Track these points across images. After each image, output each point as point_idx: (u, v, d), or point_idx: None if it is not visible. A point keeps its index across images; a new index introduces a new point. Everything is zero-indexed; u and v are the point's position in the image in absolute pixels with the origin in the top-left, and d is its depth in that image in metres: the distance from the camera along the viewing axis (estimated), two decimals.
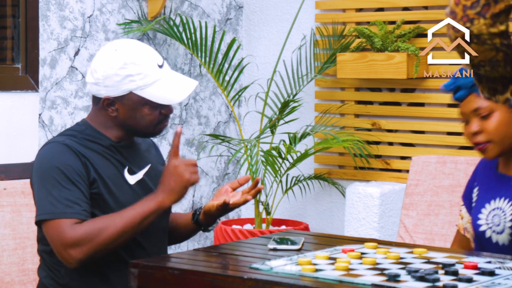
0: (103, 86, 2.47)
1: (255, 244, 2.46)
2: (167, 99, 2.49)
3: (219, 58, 4.65)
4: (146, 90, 2.46)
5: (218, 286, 2.04)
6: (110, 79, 2.45)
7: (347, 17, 4.49)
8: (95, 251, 2.35)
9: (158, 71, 2.48)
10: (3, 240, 2.85)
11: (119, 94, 2.46)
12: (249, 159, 4.13)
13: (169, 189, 2.41)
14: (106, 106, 2.49)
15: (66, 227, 2.34)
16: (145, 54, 2.49)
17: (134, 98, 2.47)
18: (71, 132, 2.52)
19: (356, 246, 2.34)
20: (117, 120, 2.51)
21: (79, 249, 2.33)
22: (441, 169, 3.51)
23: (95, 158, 2.47)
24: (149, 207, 2.40)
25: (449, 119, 4.24)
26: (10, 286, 2.84)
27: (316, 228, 4.63)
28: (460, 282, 1.94)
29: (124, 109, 2.48)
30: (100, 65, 2.47)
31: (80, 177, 2.41)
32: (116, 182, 2.48)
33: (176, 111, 4.55)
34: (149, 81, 2.46)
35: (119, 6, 4.25)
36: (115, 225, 2.36)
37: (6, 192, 2.90)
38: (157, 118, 2.51)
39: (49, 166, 2.41)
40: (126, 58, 2.46)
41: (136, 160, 2.57)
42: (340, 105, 4.49)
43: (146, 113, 2.49)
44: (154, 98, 2.47)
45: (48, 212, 2.37)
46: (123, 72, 2.45)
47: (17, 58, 3.86)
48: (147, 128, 2.51)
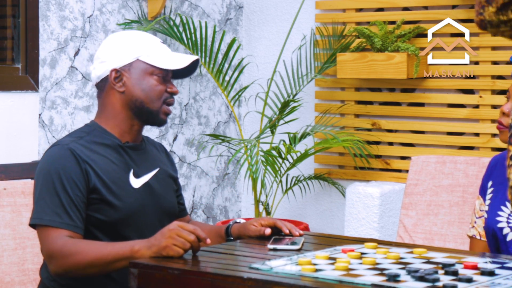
0: (109, 60, 2.51)
1: (255, 244, 2.46)
2: (173, 64, 2.52)
3: (219, 58, 4.65)
4: (152, 57, 2.51)
5: (218, 286, 2.04)
6: (116, 51, 2.51)
7: (347, 17, 4.49)
8: (65, 270, 2.34)
9: (161, 45, 2.56)
10: (3, 240, 2.85)
11: (126, 62, 2.50)
12: (249, 159, 4.13)
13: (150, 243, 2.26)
14: (114, 80, 2.51)
15: (49, 236, 2.36)
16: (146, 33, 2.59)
17: (141, 65, 2.51)
18: (79, 134, 2.52)
19: (356, 246, 2.34)
20: (125, 97, 2.51)
21: (53, 262, 2.35)
22: (441, 169, 3.51)
23: (99, 161, 2.46)
24: (123, 251, 2.29)
25: (449, 119, 4.24)
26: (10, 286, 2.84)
27: (316, 228, 4.63)
28: (460, 282, 1.94)
29: (131, 80, 2.51)
30: (104, 46, 2.55)
31: (76, 185, 2.40)
32: (119, 186, 2.47)
33: (176, 111, 4.55)
34: (154, 49, 2.52)
35: (119, 6, 4.25)
36: (86, 254, 2.31)
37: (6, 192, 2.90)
38: (164, 93, 2.53)
39: (47, 171, 2.41)
40: (132, 33, 2.58)
41: (143, 163, 2.56)
42: (340, 105, 4.49)
43: (153, 83, 2.51)
44: (161, 64, 2.51)
45: (37, 217, 2.39)
46: (128, 41, 2.53)
47: (17, 58, 3.86)
48: (154, 101, 2.51)
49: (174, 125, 4.55)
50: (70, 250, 2.32)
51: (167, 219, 2.57)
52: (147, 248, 2.24)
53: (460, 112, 4.20)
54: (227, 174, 4.88)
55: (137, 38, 2.54)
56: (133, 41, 2.53)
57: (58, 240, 2.34)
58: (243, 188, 4.92)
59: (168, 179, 2.63)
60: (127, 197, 2.46)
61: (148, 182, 2.54)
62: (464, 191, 3.44)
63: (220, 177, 4.83)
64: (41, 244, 2.39)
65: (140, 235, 2.43)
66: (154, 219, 2.54)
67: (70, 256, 2.32)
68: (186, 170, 4.63)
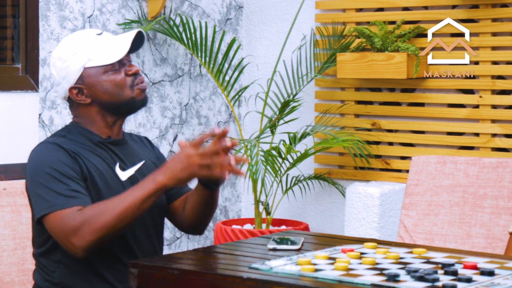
0: (62, 80, 2.51)
1: (255, 244, 2.46)
2: (115, 55, 2.50)
3: (219, 58, 4.65)
4: (95, 59, 2.49)
5: (218, 286, 2.04)
6: (62, 69, 2.50)
7: (347, 17, 4.49)
8: (96, 236, 2.30)
9: (98, 39, 2.52)
10: (3, 240, 2.85)
11: (77, 77, 2.49)
12: (249, 159, 4.13)
13: (173, 172, 2.32)
14: (77, 96, 2.51)
15: (66, 216, 2.32)
16: (80, 32, 2.56)
17: (91, 71, 2.50)
18: (60, 133, 2.53)
19: (356, 246, 2.35)
20: (95, 105, 2.52)
21: (79, 236, 2.30)
22: (441, 169, 3.51)
23: (86, 154, 2.47)
24: (148, 188, 2.33)
25: (449, 119, 4.24)
26: (10, 286, 2.84)
27: (316, 228, 4.63)
28: (459, 282, 1.94)
29: (90, 88, 2.50)
30: (52, 66, 2.54)
31: (74, 171, 2.40)
32: (106, 179, 2.47)
33: (176, 111, 4.55)
34: (93, 49, 2.50)
35: (119, 6, 4.25)
36: (113, 208, 2.31)
37: (6, 192, 2.90)
38: (126, 80, 2.51)
39: (42, 164, 2.41)
40: (65, 43, 2.53)
41: (127, 157, 2.57)
42: (340, 105, 4.49)
43: (110, 79, 2.50)
44: (104, 60, 2.49)
45: (49, 206, 2.35)
46: (68, 54, 2.50)
47: (17, 58, 3.86)
48: (120, 94, 2.50)
49: (174, 125, 4.55)
50: (94, 214, 2.30)
51: (156, 211, 2.57)
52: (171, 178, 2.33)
53: (460, 112, 4.20)
54: None
55: (73, 47, 2.51)
56: (70, 51, 2.50)
57: (76, 215, 2.32)
58: (243, 188, 4.92)
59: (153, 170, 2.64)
60: (115, 189, 2.46)
61: (134, 175, 2.54)
62: (464, 191, 3.44)
63: None
64: (57, 229, 2.34)
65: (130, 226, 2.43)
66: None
67: (98, 218, 2.30)
68: None
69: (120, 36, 2.55)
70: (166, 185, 2.33)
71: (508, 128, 4.06)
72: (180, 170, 2.33)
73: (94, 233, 2.31)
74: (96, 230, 2.30)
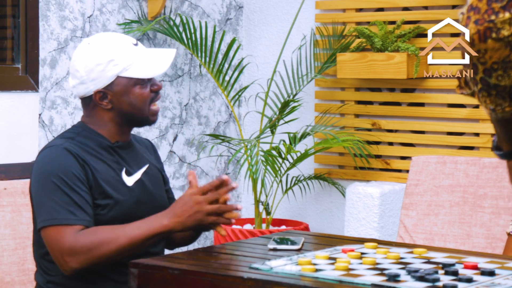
0: (89, 82, 2.47)
1: (255, 244, 2.46)
2: (153, 71, 2.50)
3: (219, 58, 4.65)
4: (130, 70, 2.48)
5: (218, 286, 2.04)
6: (94, 72, 2.47)
7: (347, 17, 4.49)
8: (91, 262, 2.32)
9: (135, 49, 2.51)
10: (3, 240, 2.85)
11: (108, 83, 2.47)
12: (249, 159, 4.13)
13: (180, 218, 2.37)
14: (99, 100, 2.49)
15: (66, 234, 2.32)
16: (118, 37, 2.52)
17: (123, 81, 2.48)
18: (68, 135, 2.51)
19: (356, 246, 2.34)
20: (113, 112, 2.51)
21: (75, 258, 2.31)
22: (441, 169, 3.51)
23: (92, 161, 2.45)
24: (154, 229, 2.36)
25: (449, 119, 4.24)
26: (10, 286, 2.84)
27: (316, 228, 4.63)
28: (460, 282, 1.94)
29: (117, 96, 2.49)
30: (79, 63, 2.49)
31: (81, 182, 2.39)
32: (113, 185, 2.47)
33: (176, 111, 4.55)
34: (130, 60, 2.48)
35: (119, 6, 4.25)
36: (117, 240, 2.32)
37: (6, 192, 2.90)
38: (149, 95, 2.51)
39: (49, 171, 2.39)
40: (102, 46, 2.49)
41: (134, 161, 2.57)
42: (340, 105, 4.49)
43: (138, 92, 2.49)
44: (141, 74, 2.49)
45: (50, 218, 2.35)
46: (104, 59, 2.46)
47: (17, 58, 3.86)
48: (143, 109, 2.51)
49: (174, 125, 4.55)
50: (97, 241, 2.31)
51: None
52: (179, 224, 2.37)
53: (460, 112, 4.20)
54: (227, 174, 4.87)
55: (111, 52, 2.47)
56: (108, 57, 2.46)
57: (78, 236, 2.32)
58: (243, 188, 4.92)
59: (157, 175, 2.65)
60: (122, 196, 2.47)
61: (140, 179, 2.55)
62: (464, 191, 3.44)
63: None
64: (53, 244, 2.34)
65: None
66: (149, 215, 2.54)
67: (99, 247, 2.31)
68: (186, 170, 4.63)
69: (155, 51, 2.55)
70: (171, 229, 2.38)
71: None
72: (187, 216, 2.37)
73: (91, 260, 2.32)
74: (93, 257, 2.32)
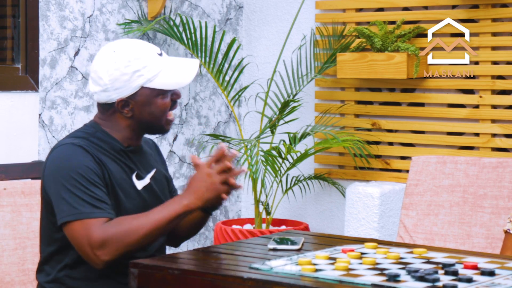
0: (113, 90, 2.46)
1: (255, 244, 2.46)
2: (178, 83, 2.50)
3: (219, 58, 4.65)
4: (155, 81, 2.47)
5: (218, 286, 2.04)
6: (118, 81, 2.45)
7: (347, 17, 4.49)
8: (121, 252, 2.32)
9: (160, 60, 2.49)
10: (3, 240, 2.85)
11: (131, 93, 2.46)
12: (249, 159, 4.13)
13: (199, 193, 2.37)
14: (121, 108, 2.48)
15: (94, 227, 2.32)
16: (143, 47, 2.50)
17: (146, 92, 2.47)
18: (81, 134, 2.49)
19: (356, 246, 2.34)
20: (132, 120, 2.50)
21: (106, 250, 2.31)
22: (441, 169, 3.51)
23: (107, 162, 2.45)
24: (175, 210, 2.36)
25: (449, 119, 4.24)
26: (10, 286, 2.84)
27: (316, 228, 4.63)
28: (460, 282, 1.94)
29: (138, 106, 2.48)
30: (103, 70, 2.46)
31: (99, 178, 2.40)
32: (124, 188, 2.47)
33: (176, 111, 4.55)
34: (155, 71, 2.47)
35: (119, 6, 4.25)
36: (142, 227, 2.33)
37: (6, 192, 2.89)
38: (169, 105, 2.52)
39: (68, 168, 2.38)
40: (128, 56, 2.46)
41: (143, 165, 2.57)
42: (340, 105, 4.49)
43: (160, 102, 2.49)
44: (165, 86, 2.48)
45: (75, 212, 2.34)
46: (129, 69, 2.45)
47: (17, 58, 3.86)
48: (161, 119, 2.51)
49: (174, 125, 4.55)
50: (124, 231, 2.31)
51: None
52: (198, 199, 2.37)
53: (460, 112, 4.20)
54: None
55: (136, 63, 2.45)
56: (133, 67, 2.45)
57: (105, 228, 2.32)
58: (243, 188, 4.92)
59: (163, 179, 2.65)
60: (132, 200, 2.47)
61: (149, 184, 2.55)
62: (464, 191, 3.44)
63: None
64: (82, 238, 2.32)
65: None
66: None
67: (127, 236, 2.31)
68: (186, 170, 4.63)
69: (179, 61, 2.54)
70: (194, 207, 2.38)
71: (508, 128, 4.06)
72: (205, 190, 2.38)
73: (121, 249, 2.32)
74: (123, 247, 2.32)
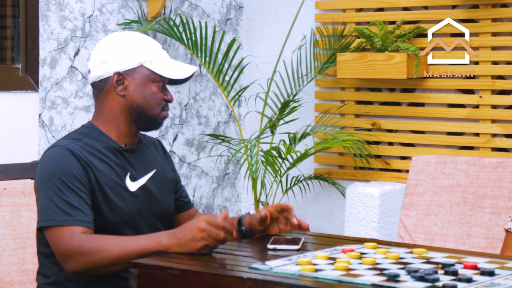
0: (113, 61, 2.49)
1: (255, 244, 2.46)
2: (175, 73, 2.52)
3: (219, 58, 4.65)
4: (155, 64, 2.50)
5: (218, 286, 2.04)
6: (119, 53, 2.49)
7: (347, 17, 4.49)
8: (86, 267, 2.32)
9: (162, 51, 2.55)
10: (3, 240, 2.85)
11: (130, 67, 2.49)
12: (249, 159, 4.13)
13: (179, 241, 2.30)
14: (116, 83, 2.49)
15: (64, 235, 2.33)
16: (148, 37, 2.57)
17: (144, 71, 2.50)
18: (76, 136, 2.50)
19: (356, 246, 2.35)
20: (125, 102, 2.50)
21: (73, 262, 2.31)
22: (441, 169, 3.51)
23: (97, 164, 2.45)
24: (151, 246, 2.31)
25: (449, 119, 4.24)
26: (10, 286, 2.84)
27: (316, 228, 4.63)
28: (459, 282, 1.94)
29: (133, 84, 2.49)
30: (105, 46, 2.52)
31: (81, 183, 2.39)
32: (115, 189, 2.46)
33: (176, 111, 4.55)
34: (157, 56, 2.51)
35: (119, 6, 4.25)
36: (111, 251, 2.30)
37: (6, 192, 2.90)
38: (162, 101, 2.53)
39: (50, 172, 2.39)
40: (133, 37, 2.53)
41: (140, 166, 2.55)
42: (340, 105, 4.50)
43: (154, 91, 2.50)
44: (164, 72, 2.51)
45: (48, 219, 2.35)
46: (131, 46, 2.50)
47: (17, 58, 3.86)
48: (154, 108, 2.51)
49: (174, 125, 4.55)
50: (91, 248, 2.30)
51: (162, 221, 2.57)
52: (177, 246, 2.28)
53: (460, 112, 4.20)
54: (227, 174, 4.88)
55: (140, 42, 2.52)
56: (137, 45, 2.51)
57: (74, 238, 2.32)
58: (243, 188, 4.92)
59: (165, 180, 2.62)
60: (123, 201, 2.46)
61: (145, 185, 2.53)
62: (464, 191, 3.44)
63: (220, 177, 4.83)
64: (54, 245, 2.35)
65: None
66: (150, 221, 2.54)
67: (92, 254, 2.30)
68: (186, 170, 4.64)
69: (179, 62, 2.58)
70: (169, 251, 2.30)
71: (508, 128, 4.06)
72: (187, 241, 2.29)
73: (85, 265, 2.32)
74: (87, 263, 2.31)
